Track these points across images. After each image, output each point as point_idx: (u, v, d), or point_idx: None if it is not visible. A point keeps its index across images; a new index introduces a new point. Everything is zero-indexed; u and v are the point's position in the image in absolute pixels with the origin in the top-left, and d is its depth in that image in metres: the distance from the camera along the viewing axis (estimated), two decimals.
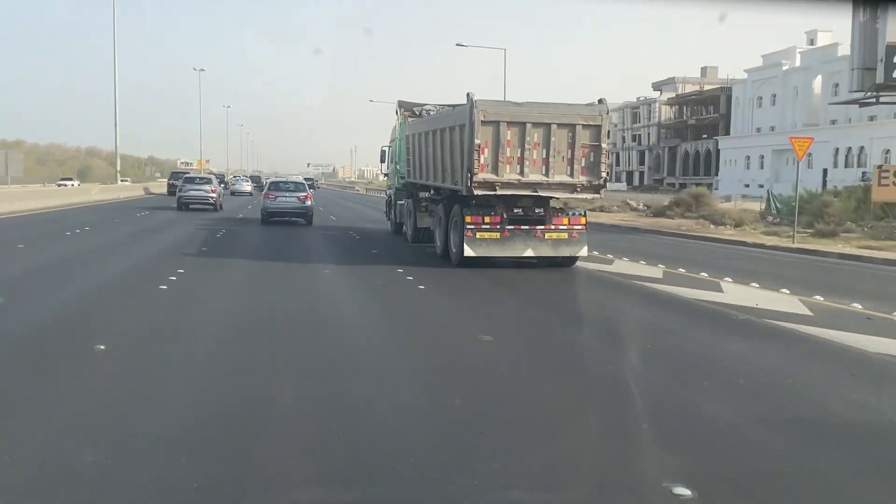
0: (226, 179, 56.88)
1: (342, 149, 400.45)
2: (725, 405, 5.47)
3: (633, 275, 12.63)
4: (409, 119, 17.92)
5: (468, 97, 12.47)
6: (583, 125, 12.38)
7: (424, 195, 16.58)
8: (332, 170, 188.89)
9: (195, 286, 10.76)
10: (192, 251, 15.15)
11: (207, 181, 32.60)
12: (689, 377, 6.33)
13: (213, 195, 30.85)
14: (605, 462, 4.33)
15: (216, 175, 44.00)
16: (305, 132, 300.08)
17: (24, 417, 4.79)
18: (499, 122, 12.25)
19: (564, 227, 12.93)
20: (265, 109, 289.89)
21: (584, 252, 13.26)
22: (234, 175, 78.09)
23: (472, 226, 12.65)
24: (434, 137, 14.51)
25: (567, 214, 13.08)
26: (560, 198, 13.63)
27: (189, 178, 33.60)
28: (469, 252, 12.66)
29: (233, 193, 49.13)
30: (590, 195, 12.80)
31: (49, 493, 3.72)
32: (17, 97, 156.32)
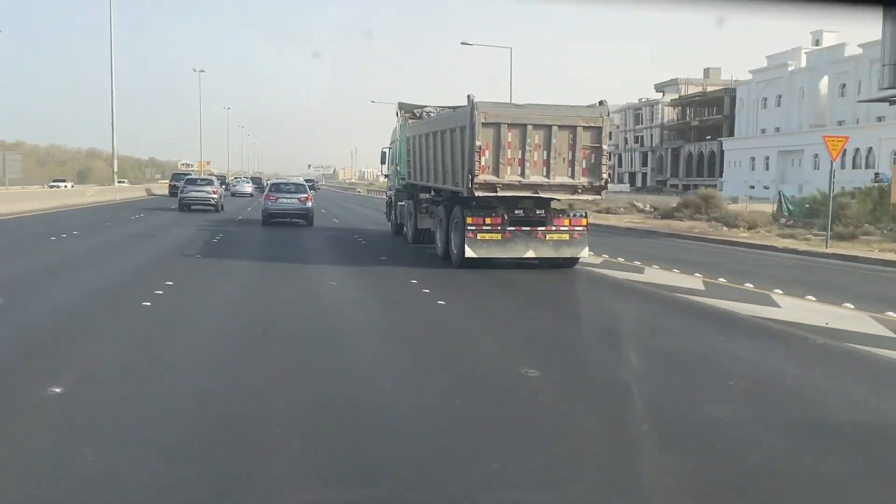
0: (227, 181, 56.97)
1: (343, 150, 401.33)
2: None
3: (671, 286, 11.61)
4: (410, 121, 17.91)
5: (469, 99, 12.44)
6: (584, 127, 12.37)
7: (425, 196, 16.55)
8: (333, 171, 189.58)
9: (183, 304, 9.34)
10: (185, 258, 13.96)
11: (209, 182, 32.72)
12: (818, 433, 4.96)
13: (215, 196, 30.90)
14: None
15: (217, 176, 44.15)
16: (306, 133, 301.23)
17: None
18: (499, 124, 12.24)
19: (565, 229, 12.91)
20: (266, 110, 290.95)
21: (586, 253, 13.24)
22: (235, 176, 78.24)
23: (473, 227, 12.63)
24: (435, 139, 14.49)
25: (568, 215, 13.05)
26: (561, 199, 13.60)
27: (191, 180, 33.73)
28: (470, 253, 12.63)
29: (233, 195, 49.19)
30: (591, 196, 12.81)
31: None
32: (18, 98, 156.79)
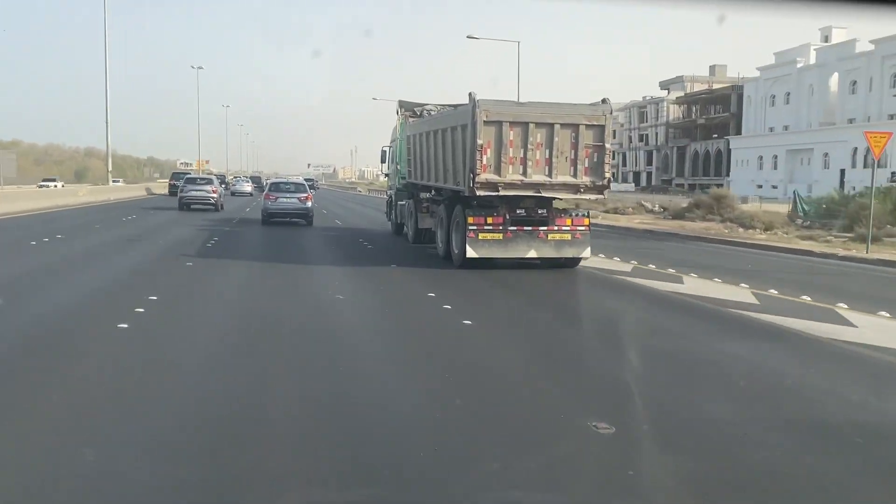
0: (226, 180, 57.06)
1: (342, 149, 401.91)
2: None
3: (719, 298, 10.22)
4: (410, 119, 17.79)
5: (470, 97, 12.32)
6: (586, 125, 12.23)
7: (425, 196, 16.43)
8: (333, 170, 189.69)
9: (163, 330, 7.61)
10: (175, 267, 12.62)
11: (209, 182, 32.71)
12: None
13: (215, 196, 30.89)
14: None
15: (217, 176, 44.17)
16: (305, 132, 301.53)
17: None
18: (501, 122, 12.13)
19: (567, 228, 12.77)
20: (265, 109, 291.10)
21: (588, 253, 13.07)
22: (235, 175, 78.33)
23: (475, 227, 12.51)
24: (436, 138, 14.35)
25: (570, 215, 12.92)
26: (563, 198, 13.46)
27: (191, 179, 33.72)
28: (471, 253, 12.50)
29: (233, 194, 49.26)
30: (593, 196, 12.69)
31: None
32: (15, 97, 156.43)
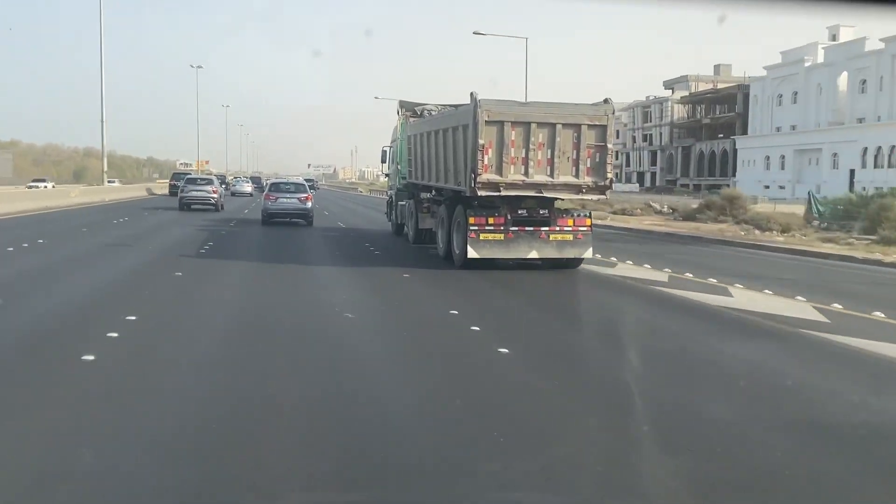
0: (227, 180, 57.20)
1: (343, 149, 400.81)
2: None
3: (780, 315, 9.21)
4: (411, 119, 17.71)
5: (472, 96, 12.27)
6: (588, 125, 12.16)
7: (426, 196, 16.36)
8: (333, 170, 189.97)
9: (143, 358, 6.43)
10: (167, 275, 11.57)
11: (209, 182, 32.77)
12: None
13: (215, 196, 30.92)
14: None
15: (217, 176, 44.25)
16: (305, 132, 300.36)
17: None
18: (503, 122, 12.07)
19: (569, 229, 12.68)
20: (265, 109, 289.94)
21: (590, 254, 12.97)
22: (235, 176, 78.49)
23: (476, 227, 12.43)
24: (437, 138, 14.28)
25: (572, 215, 12.83)
26: (565, 199, 13.38)
27: (191, 179, 33.81)
28: (472, 254, 12.43)
29: (233, 194, 49.34)
30: (595, 196, 12.63)
31: None
32: (14, 97, 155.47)
